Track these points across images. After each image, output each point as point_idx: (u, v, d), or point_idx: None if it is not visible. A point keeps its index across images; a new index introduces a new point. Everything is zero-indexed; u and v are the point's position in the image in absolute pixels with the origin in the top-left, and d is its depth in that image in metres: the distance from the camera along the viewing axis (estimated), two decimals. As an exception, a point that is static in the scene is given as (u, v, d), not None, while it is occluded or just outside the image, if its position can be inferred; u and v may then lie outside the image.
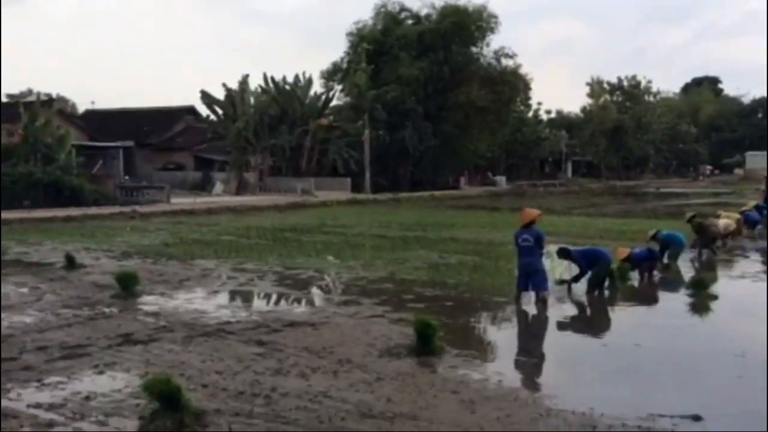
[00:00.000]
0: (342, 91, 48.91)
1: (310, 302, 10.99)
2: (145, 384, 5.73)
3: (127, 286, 10.99)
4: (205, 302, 10.75)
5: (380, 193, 42.76)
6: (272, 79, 45.66)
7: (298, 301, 11.11)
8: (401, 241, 18.59)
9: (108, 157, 39.79)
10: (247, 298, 11.36)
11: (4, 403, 6.10)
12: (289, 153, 44.40)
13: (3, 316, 9.53)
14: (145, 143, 45.75)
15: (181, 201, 33.26)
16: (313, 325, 9.06)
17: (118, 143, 40.63)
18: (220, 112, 44.48)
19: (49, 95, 46.15)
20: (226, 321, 9.30)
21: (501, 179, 60.08)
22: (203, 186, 42.73)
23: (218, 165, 45.60)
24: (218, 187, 42.02)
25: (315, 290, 12.25)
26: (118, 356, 7.60)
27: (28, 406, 6.03)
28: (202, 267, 14.17)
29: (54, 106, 37.36)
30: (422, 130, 48.09)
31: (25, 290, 11.57)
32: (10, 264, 14.88)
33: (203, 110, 47.16)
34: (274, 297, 11.38)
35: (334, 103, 48.30)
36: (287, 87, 45.66)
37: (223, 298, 11.26)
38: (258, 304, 10.93)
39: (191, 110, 49.24)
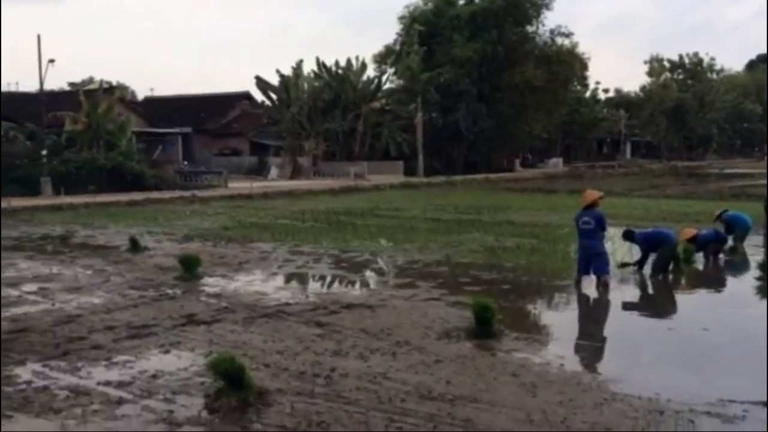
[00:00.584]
0: (395, 74, 48.82)
1: (367, 285, 11.03)
2: (210, 363, 5.86)
3: (190, 268, 11.24)
4: (265, 284, 10.91)
5: (433, 176, 42.61)
6: (324, 64, 45.87)
7: (355, 283, 11.16)
8: (456, 224, 18.48)
9: (167, 143, 40.76)
10: (305, 280, 11.47)
11: (75, 380, 6.32)
12: (342, 137, 44.61)
13: (72, 297, 9.89)
14: (202, 129, 46.65)
15: (238, 186, 33.85)
16: (370, 307, 9.10)
17: (177, 129, 41.57)
18: (274, 97, 44.99)
19: (109, 83, 47.38)
20: (286, 303, 9.42)
21: (557, 161, 59.13)
22: (259, 171, 43.38)
23: (273, 150, 46.22)
24: (273, 171, 42.59)
25: (371, 273, 12.29)
26: (182, 336, 7.78)
27: (98, 383, 6.23)
28: (260, 249, 14.39)
29: (115, 94, 38.37)
30: (476, 111, 47.63)
31: (91, 272, 11.97)
32: (77, 247, 15.43)
33: (258, 96, 47.81)
34: (331, 279, 11.47)
35: (386, 86, 48.26)
36: (340, 72, 45.77)
37: (281, 280, 11.41)
38: (316, 286, 11.03)
39: (247, 96, 49.94)
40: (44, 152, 28.41)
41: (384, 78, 48.11)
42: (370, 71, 48.35)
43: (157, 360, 6.95)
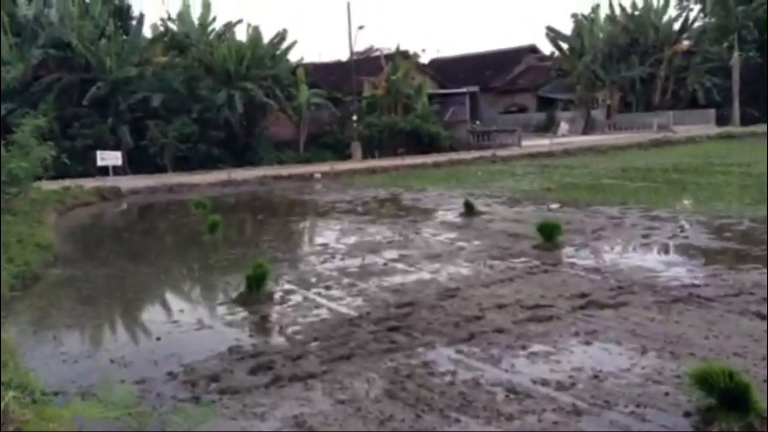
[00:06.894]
0: (702, 10, 43.08)
1: (779, 261, 8.85)
2: (698, 374, 4.52)
3: (550, 236, 10.13)
4: (644, 257, 9.37)
5: (752, 125, 36.94)
6: (621, 6, 42.03)
7: (760, 259, 9.05)
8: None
9: (456, 103, 40.60)
10: (691, 254, 9.62)
11: (503, 374, 5.44)
12: (640, 86, 40.69)
13: (437, 266, 9.34)
14: (488, 87, 45.89)
15: (531, 143, 32.54)
16: (818, 294, 7.08)
17: (464, 89, 41.21)
18: (565, 47, 42.48)
19: (389, 49, 48.53)
20: (691, 283, 7.79)
21: None
22: (547, 127, 41.59)
23: (561, 104, 43.91)
24: (563, 126, 40.49)
25: None
26: (591, 322, 6.61)
27: (533, 382, 5.26)
28: (606, 215, 12.86)
29: (411, 59, 38.99)
30: (808, 46, 40.18)
31: (441, 239, 11.48)
32: (409, 210, 15.27)
33: (545, 48, 45.67)
34: (724, 253, 9.51)
35: (693, 25, 42.78)
36: (638, 13, 41.57)
37: (660, 252, 9.77)
38: (712, 262, 9.15)
39: (532, 49, 48.05)
40: (355, 117, 29.72)
41: (690, 16, 42.74)
42: (672, 11, 43.36)
43: (582, 354, 5.83)
